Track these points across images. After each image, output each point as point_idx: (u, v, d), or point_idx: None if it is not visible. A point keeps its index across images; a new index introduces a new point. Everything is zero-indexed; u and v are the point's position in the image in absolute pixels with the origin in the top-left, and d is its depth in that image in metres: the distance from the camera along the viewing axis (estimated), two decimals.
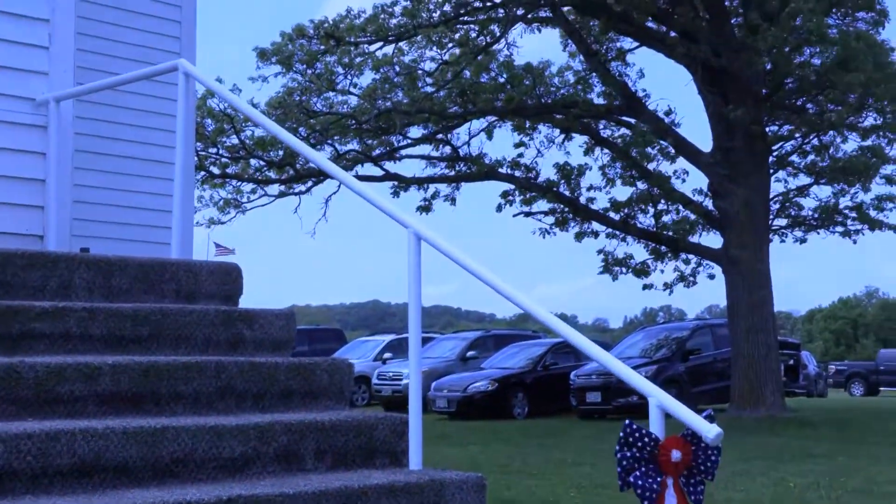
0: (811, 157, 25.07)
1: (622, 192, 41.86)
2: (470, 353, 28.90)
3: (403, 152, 25.66)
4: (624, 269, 25.67)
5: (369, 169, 25.27)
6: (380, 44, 24.01)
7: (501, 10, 23.74)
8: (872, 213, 24.67)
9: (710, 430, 3.38)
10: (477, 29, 24.67)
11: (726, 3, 22.91)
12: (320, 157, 5.32)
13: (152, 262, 5.22)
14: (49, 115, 5.96)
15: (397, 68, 23.94)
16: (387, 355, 31.07)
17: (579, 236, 25.38)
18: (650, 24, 23.65)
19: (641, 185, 25.02)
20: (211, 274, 5.37)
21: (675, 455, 3.37)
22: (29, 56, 5.93)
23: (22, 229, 5.96)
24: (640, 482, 3.34)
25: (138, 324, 4.63)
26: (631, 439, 3.38)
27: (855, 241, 25.28)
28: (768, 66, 21.91)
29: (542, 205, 25.50)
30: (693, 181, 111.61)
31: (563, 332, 3.97)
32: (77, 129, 6.45)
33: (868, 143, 23.85)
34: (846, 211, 24.96)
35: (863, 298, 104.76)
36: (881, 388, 44.55)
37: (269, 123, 5.50)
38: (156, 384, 4.20)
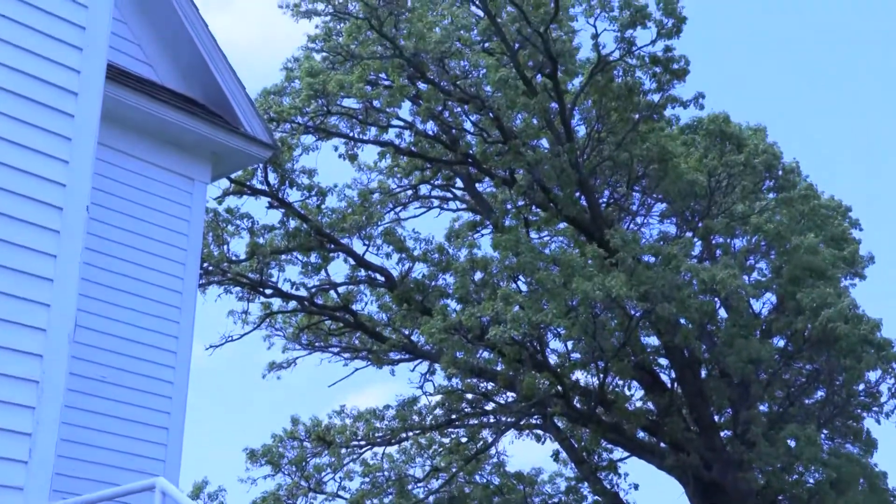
0: None
1: None
2: None
3: None
4: None
5: None
6: (369, 447, 24.03)
7: (492, 417, 23.91)
8: None
9: None
10: (468, 435, 24.75)
11: (715, 418, 23.10)
12: None
13: None
14: None
15: (387, 474, 23.82)
16: None
17: None
18: (640, 435, 23.72)
19: None
20: None
21: None
22: (4, 471, 5.70)
23: None
24: None
25: None
26: None
27: None
28: (761, 481, 21.73)
29: None
30: None
31: None
32: None
33: None
34: None
35: None
36: None
37: None
38: None
